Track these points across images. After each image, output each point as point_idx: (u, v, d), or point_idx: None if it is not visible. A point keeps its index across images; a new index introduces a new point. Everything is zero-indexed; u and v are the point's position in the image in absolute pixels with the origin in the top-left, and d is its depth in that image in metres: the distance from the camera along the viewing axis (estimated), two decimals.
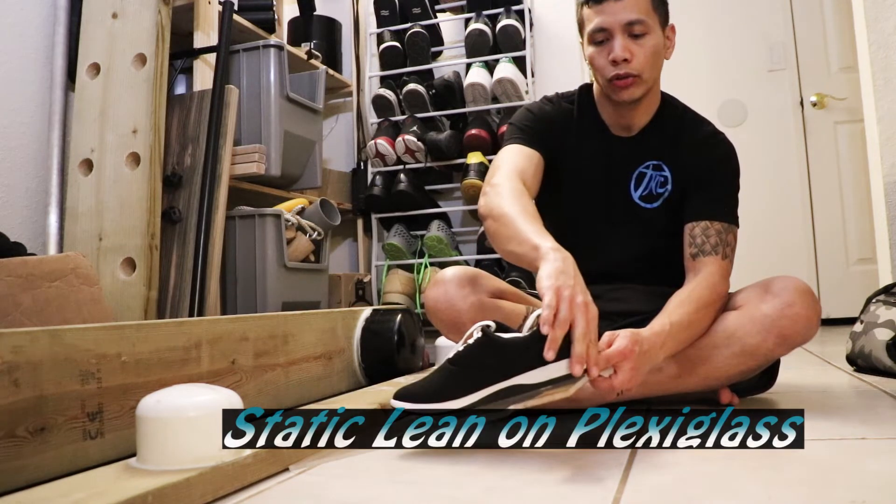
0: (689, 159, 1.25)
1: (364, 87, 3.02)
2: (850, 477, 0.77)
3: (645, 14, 1.17)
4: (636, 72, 1.18)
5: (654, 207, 1.27)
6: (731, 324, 1.14)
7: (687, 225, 1.22)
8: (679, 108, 1.31)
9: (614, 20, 1.16)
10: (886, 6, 2.17)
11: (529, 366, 0.89)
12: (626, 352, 0.92)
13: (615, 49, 1.16)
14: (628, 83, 1.18)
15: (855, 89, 2.58)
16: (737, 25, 3.13)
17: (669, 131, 1.27)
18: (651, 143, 1.27)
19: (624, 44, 1.16)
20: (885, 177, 2.17)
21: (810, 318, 1.11)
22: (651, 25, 1.17)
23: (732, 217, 1.22)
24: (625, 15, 1.16)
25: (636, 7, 1.16)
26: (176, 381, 0.98)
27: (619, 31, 1.16)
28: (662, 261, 1.28)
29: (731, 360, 1.13)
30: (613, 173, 1.28)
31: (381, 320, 1.66)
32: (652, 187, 1.27)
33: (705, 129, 1.28)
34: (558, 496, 0.74)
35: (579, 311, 0.86)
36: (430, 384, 0.94)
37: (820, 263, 3.04)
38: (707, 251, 1.18)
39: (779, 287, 1.13)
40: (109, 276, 1.77)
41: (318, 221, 2.29)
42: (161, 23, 1.86)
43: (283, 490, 0.82)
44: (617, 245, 1.29)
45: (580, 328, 0.85)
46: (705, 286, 1.13)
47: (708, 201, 1.22)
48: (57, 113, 1.96)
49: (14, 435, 0.79)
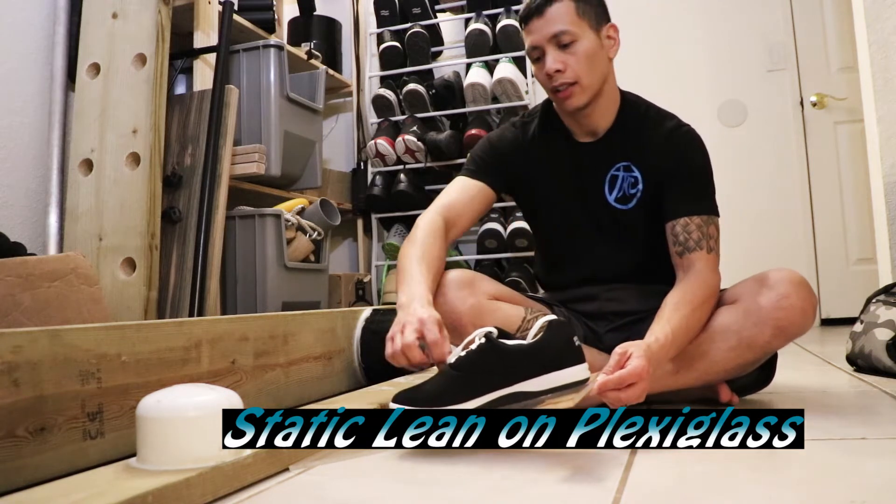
0: (656, 157, 1.25)
1: (364, 87, 3.02)
2: (850, 477, 0.77)
3: (569, 23, 1.19)
4: (571, 79, 1.20)
5: (630, 208, 1.27)
6: (728, 317, 1.14)
7: (667, 224, 1.22)
8: (641, 107, 1.31)
9: (541, 36, 1.20)
10: (886, 6, 2.17)
11: (532, 373, 0.89)
12: (642, 373, 0.93)
13: (547, 63, 1.20)
14: (568, 93, 1.21)
15: (855, 89, 2.58)
16: (736, 25, 3.13)
17: (633, 131, 1.28)
18: (617, 145, 1.28)
19: (554, 56, 1.19)
20: (885, 177, 2.17)
21: (806, 309, 1.11)
22: (578, 32, 1.20)
23: (710, 208, 1.22)
24: (549, 28, 1.19)
25: (559, 18, 1.19)
26: (176, 381, 0.98)
27: (547, 45, 1.20)
28: (650, 260, 1.28)
29: (729, 354, 1.14)
30: (586, 179, 1.30)
31: (381, 320, 1.66)
32: (625, 189, 1.28)
33: (668, 125, 1.28)
34: (558, 496, 0.74)
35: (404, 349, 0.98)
36: (430, 388, 0.93)
37: (820, 263, 3.04)
38: (692, 247, 1.18)
39: (774, 279, 1.13)
40: (109, 276, 1.77)
41: (318, 221, 2.29)
42: (161, 23, 1.86)
43: (283, 490, 0.82)
44: (604, 248, 1.30)
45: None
46: (697, 284, 1.14)
47: (683, 197, 1.22)
48: (57, 113, 1.96)
49: (14, 435, 0.79)
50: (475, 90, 2.67)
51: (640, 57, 3.11)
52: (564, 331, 0.91)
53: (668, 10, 3.18)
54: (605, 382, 0.91)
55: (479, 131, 2.62)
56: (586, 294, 1.32)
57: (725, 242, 1.28)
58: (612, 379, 0.92)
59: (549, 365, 0.89)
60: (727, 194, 3.11)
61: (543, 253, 1.43)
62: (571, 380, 0.88)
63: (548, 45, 1.20)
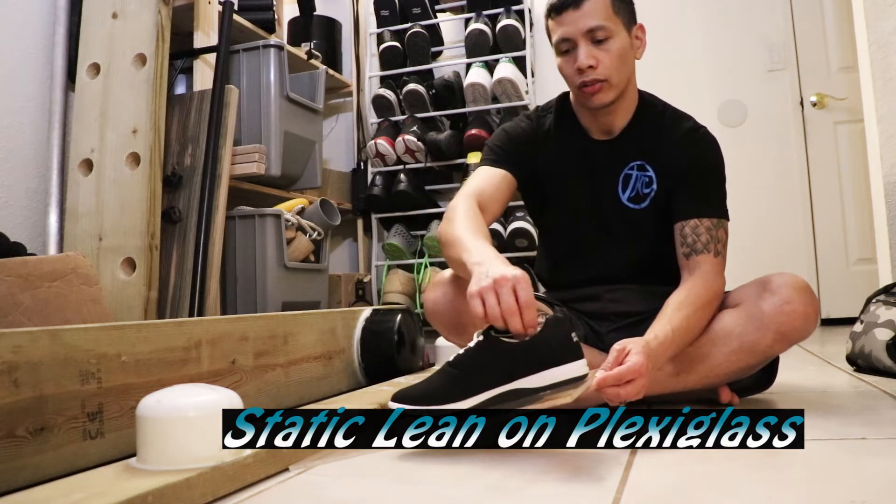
0: (671, 157, 1.25)
1: (364, 87, 3.02)
2: (850, 477, 0.77)
3: (605, 19, 1.17)
4: (603, 77, 1.18)
5: (643, 208, 1.27)
6: (730, 321, 1.14)
7: (676, 224, 1.22)
8: (658, 107, 1.30)
9: (575, 29, 1.17)
10: (886, 6, 2.17)
11: (531, 369, 0.89)
12: (641, 370, 0.93)
13: (580, 57, 1.17)
14: (596, 89, 1.19)
15: (855, 89, 2.57)
16: (737, 25, 3.13)
17: (650, 131, 1.27)
18: (633, 145, 1.27)
19: (588, 51, 1.17)
20: (885, 177, 2.17)
21: (808, 314, 1.11)
22: (613, 29, 1.18)
23: (721, 211, 1.22)
24: (585, 22, 1.16)
25: (596, 13, 1.17)
26: (176, 381, 0.98)
27: (581, 39, 1.17)
28: (657, 261, 1.28)
29: (730, 358, 1.13)
30: (599, 177, 1.28)
31: (381, 320, 1.66)
32: (638, 188, 1.27)
33: (685, 126, 1.27)
34: (558, 496, 0.74)
35: (498, 288, 0.88)
36: (429, 386, 0.93)
37: (820, 263, 3.04)
38: (699, 249, 1.18)
39: (776, 284, 1.13)
40: (109, 276, 1.77)
41: (318, 221, 2.29)
42: (161, 23, 1.86)
43: (283, 490, 0.82)
44: (611, 248, 1.29)
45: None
46: (701, 286, 1.14)
47: (695, 199, 1.22)
48: (57, 113, 1.96)
49: (14, 435, 0.79)
50: (475, 90, 2.67)
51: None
52: (562, 327, 0.91)
53: (669, 10, 3.17)
54: (605, 378, 0.91)
55: (479, 131, 2.62)
56: (589, 294, 1.32)
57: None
58: (611, 375, 0.92)
59: (548, 361, 0.89)
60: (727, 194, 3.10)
61: (547, 250, 1.42)
62: (570, 376, 0.88)
63: (581, 38, 1.17)
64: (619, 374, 0.92)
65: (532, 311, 0.88)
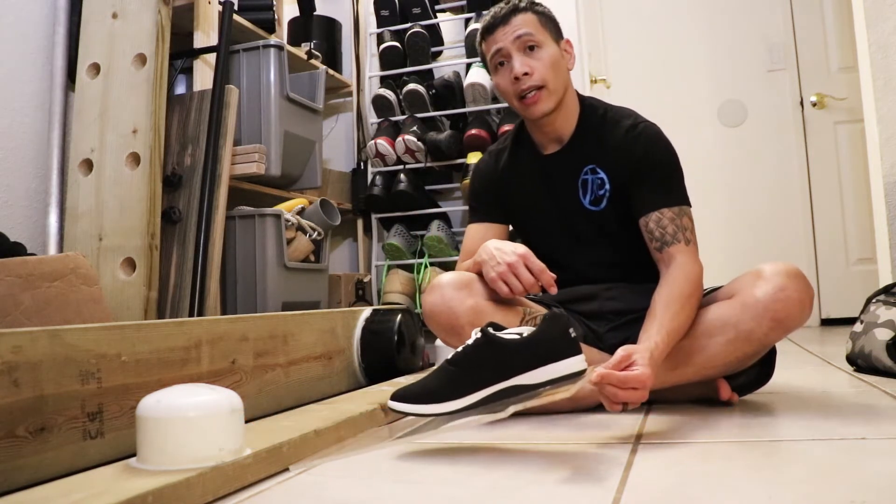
0: (616, 157, 1.27)
1: (364, 87, 3.02)
2: (850, 477, 0.77)
3: (534, 29, 1.25)
4: (539, 82, 1.24)
5: (602, 209, 1.30)
6: (725, 311, 1.15)
7: (640, 221, 1.24)
8: (599, 110, 1.33)
9: (507, 40, 1.24)
10: (886, 6, 2.17)
11: (529, 366, 0.89)
12: (646, 381, 0.94)
13: (515, 66, 1.24)
14: (536, 98, 1.24)
15: (855, 89, 2.58)
16: (736, 25, 3.13)
17: (594, 135, 1.31)
18: (582, 150, 1.31)
19: (522, 60, 1.24)
20: (885, 177, 2.17)
21: (803, 300, 1.11)
22: (542, 39, 1.25)
23: (680, 199, 1.23)
24: (515, 32, 1.24)
25: (524, 25, 1.25)
26: (176, 381, 0.98)
27: (514, 48, 1.24)
28: (634, 259, 1.30)
29: (727, 348, 1.14)
30: (559, 188, 1.32)
31: (381, 320, 1.66)
32: (594, 190, 1.30)
33: (624, 124, 1.29)
34: (558, 496, 0.74)
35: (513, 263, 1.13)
36: (428, 385, 0.93)
37: (820, 263, 3.04)
38: (668, 241, 1.19)
39: (770, 272, 1.13)
40: (109, 276, 1.77)
41: (318, 221, 2.29)
42: (161, 23, 1.86)
43: (283, 490, 0.82)
44: (589, 254, 1.33)
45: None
46: (682, 278, 1.15)
47: (650, 192, 1.23)
48: (57, 113, 1.96)
49: (14, 435, 0.79)
50: (475, 90, 2.67)
51: (640, 57, 3.11)
52: (560, 323, 0.91)
53: (669, 10, 3.17)
54: (608, 375, 0.92)
55: (479, 131, 2.61)
56: (585, 294, 1.33)
57: (725, 242, 1.28)
58: (614, 374, 0.92)
59: (546, 357, 0.89)
60: (727, 194, 3.15)
61: None
62: (568, 371, 0.88)
63: (514, 49, 1.24)
64: (624, 377, 0.93)
65: (547, 274, 1.13)
